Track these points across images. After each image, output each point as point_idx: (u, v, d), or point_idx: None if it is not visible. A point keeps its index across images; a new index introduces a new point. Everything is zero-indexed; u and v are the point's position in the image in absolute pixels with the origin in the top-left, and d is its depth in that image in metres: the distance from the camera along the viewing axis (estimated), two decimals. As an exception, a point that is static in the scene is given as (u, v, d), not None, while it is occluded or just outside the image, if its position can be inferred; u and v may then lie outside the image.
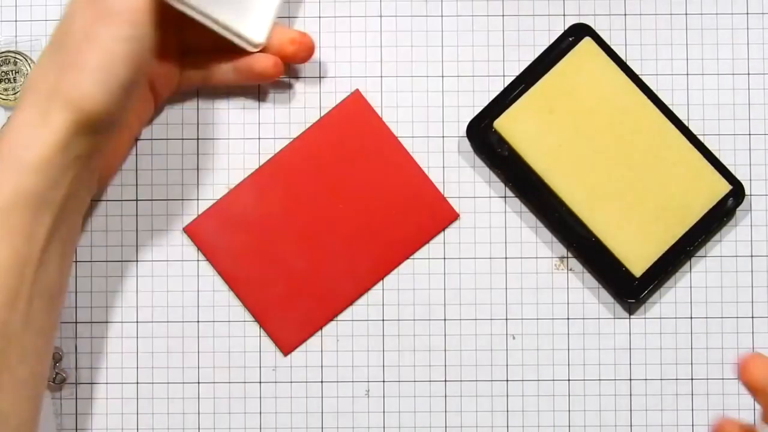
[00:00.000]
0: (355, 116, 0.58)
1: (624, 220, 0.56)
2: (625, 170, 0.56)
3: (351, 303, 0.57)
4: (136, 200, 0.58)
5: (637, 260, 0.56)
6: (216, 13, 0.52)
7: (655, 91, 0.57)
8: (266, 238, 0.57)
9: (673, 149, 0.57)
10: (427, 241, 0.57)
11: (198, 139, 0.58)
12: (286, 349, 0.57)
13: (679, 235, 0.56)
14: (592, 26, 0.57)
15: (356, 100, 0.58)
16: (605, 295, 0.57)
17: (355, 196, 0.57)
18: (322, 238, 0.57)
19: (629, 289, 0.57)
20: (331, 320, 0.57)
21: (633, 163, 0.56)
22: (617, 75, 0.57)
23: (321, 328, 0.57)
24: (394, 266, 0.58)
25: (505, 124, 0.57)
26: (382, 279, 0.57)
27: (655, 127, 0.57)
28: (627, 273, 0.56)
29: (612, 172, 0.56)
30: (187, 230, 0.57)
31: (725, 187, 0.57)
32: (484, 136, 0.57)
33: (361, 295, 0.57)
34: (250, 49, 0.55)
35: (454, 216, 0.58)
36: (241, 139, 0.58)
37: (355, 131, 0.58)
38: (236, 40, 0.54)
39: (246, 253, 0.57)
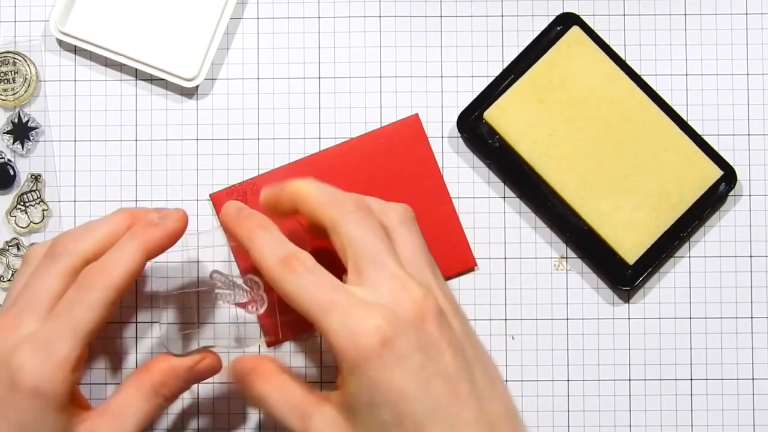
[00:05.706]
0: (406, 139, 0.57)
1: (616, 207, 0.56)
2: (616, 158, 0.56)
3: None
4: (136, 200, 0.58)
5: (630, 248, 0.56)
6: (143, 55, 0.56)
7: (654, 91, 0.57)
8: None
9: (663, 136, 0.57)
10: None
11: (197, 139, 0.58)
12: (271, 341, 0.57)
13: (672, 222, 0.56)
14: (592, 26, 0.57)
15: (413, 123, 0.57)
16: (605, 295, 0.57)
17: None
18: None
19: (623, 276, 0.57)
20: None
21: (624, 150, 0.56)
22: (606, 63, 0.57)
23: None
24: None
25: (495, 115, 0.57)
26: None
27: (645, 114, 0.57)
28: (620, 261, 0.56)
29: (603, 161, 0.56)
30: (213, 197, 0.57)
31: (717, 173, 0.57)
32: (474, 128, 0.57)
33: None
34: (185, 84, 0.56)
35: (471, 264, 0.57)
36: (240, 140, 0.58)
37: (401, 153, 0.57)
38: (169, 78, 0.57)
39: None
